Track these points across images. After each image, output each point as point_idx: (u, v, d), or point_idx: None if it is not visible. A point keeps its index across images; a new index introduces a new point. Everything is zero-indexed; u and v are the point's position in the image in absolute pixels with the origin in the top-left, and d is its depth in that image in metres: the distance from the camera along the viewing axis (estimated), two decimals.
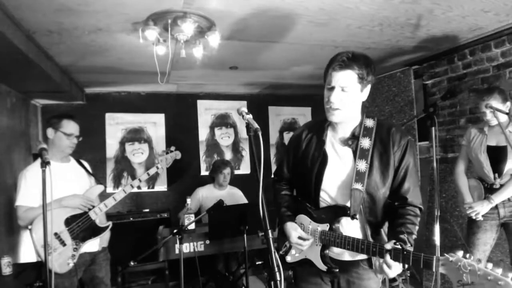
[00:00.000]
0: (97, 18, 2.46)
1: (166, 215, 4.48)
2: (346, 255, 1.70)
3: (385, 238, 1.69)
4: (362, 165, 1.62)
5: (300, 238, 1.73)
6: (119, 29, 2.68)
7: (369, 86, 1.63)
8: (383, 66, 4.07)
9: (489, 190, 2.69)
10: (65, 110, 4.44)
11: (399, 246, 1.42)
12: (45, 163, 1.93)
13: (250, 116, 1.43)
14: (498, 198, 2.62)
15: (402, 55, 3.71)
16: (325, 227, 1.68)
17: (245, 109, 1.47)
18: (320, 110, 1.70)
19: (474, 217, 2.68)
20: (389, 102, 4.25)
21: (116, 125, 4.93)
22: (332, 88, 1.58)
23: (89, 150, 4.24)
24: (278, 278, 1.24)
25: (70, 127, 2.51)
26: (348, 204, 1.63)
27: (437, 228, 2.45)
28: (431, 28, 2.93)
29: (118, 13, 2.41)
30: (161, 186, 5.05)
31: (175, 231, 2.88)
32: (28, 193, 2.33)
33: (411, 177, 1.64)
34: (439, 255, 1.34)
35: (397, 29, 2.93)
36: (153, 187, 5.02)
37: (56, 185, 2.06)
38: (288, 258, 1.84)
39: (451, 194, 3.61)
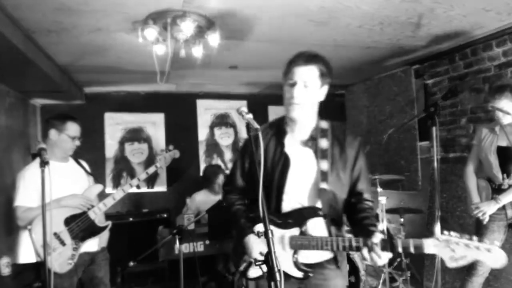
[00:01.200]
0: (96, 18, 2.46)
1: (165, 216, 4.47)
2: (312, 257, 1.66)
3: (345, 234, 1.71)
4: (325, 165, 1.65)
5: (261, 253, 1.60)
6: (119, 29, 2.67)
7: (326, 87, 1.67)
8: (383, 65, 4.05)
9: (497, 190, 2.65)
10: (64, 110, 4.41)
11: (385, 237, 1.45)
12: (44, 163, 1.92)
13: (250, 116, 1.42)
14: (505, 199, 2.58)
15: (403, 54, 3.70)
16: (295, 231, 1.62)
17: (245, 109, 1.46)
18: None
19: (480, 218, 2.65)
20: (390, 101, 4.23)
21: (116, 125, 4.92)
22: (294, 84, 1.60)
23: (89, 150, 4.18)
24: (278, 279, 1.23)
25: (74, 129, 2.50)
26: (317, 205, 1.63)
27: (438, 229, 2.44)
28: (432, 27, 2.92)
29: (117, 13, 2.40)
30: (161, 186, 5.04)
31: (174, 231, 2.86)
32: (26, 193, 2.32)
33: (364, 175, 1.71)
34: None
35: (398, 28, 2.92)
36: (152, 187, 5.00)
37: (55, 184, 2.04)
38: (252, 273, 1.68)
39: (452, 194, 3.59)
